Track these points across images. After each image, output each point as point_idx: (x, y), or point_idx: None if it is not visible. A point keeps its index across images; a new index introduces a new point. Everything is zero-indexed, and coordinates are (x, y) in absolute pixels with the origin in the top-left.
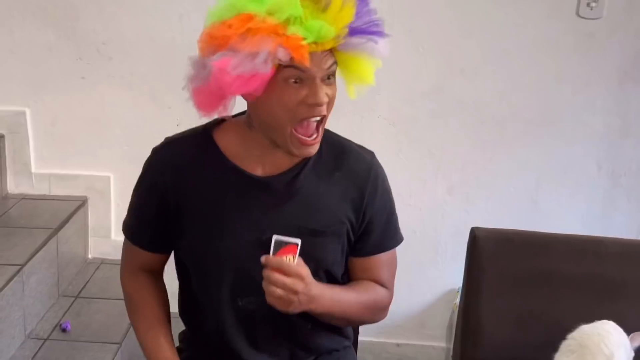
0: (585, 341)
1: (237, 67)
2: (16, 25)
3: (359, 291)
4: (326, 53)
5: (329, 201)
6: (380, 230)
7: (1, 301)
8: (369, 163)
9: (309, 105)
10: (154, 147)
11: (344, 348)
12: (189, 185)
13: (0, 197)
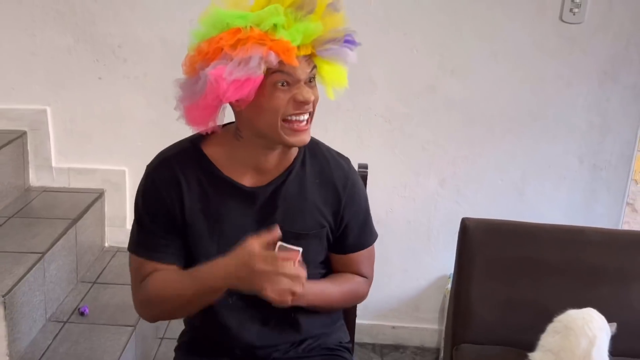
0: (570, 324)
1: (232, 73)
2: (38, 30)
3: (340, 283)
4: (307, 58)
5: (310, 207)
6: (357, 231)
7: (23, 287)
8: (346, 171)
9: (297, 103)
10: (149, 166)
11: (334, 327)
12: (188, 197)
13: (22, 190)
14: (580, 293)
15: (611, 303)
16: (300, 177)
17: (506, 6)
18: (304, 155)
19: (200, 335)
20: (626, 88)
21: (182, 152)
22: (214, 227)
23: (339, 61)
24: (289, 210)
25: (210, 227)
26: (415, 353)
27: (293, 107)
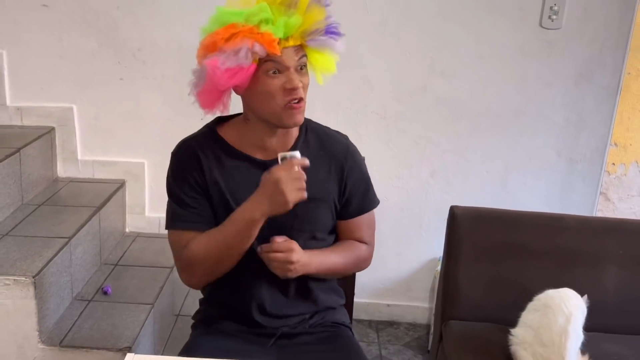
0: (548, 302)
1: (224, 63)
2: (65, 35)
3: (343, 250)
4: (297, 48)
5: (317, 175)
6: (359, 196)
7: (52, 268)
8: (344, 144)
9: (287, 90)
10: (173, 151)
11: (339, 306)
12: (210, 170)
13: (51, 180)
14: (558, 274)
15: (586, 283)
16: (306, 151)
17: (491, 13)
18: (306, 133)
19: (216, 313)
20: (600, 88)
21: (200, 134)
22: (231, 194)
23: (325, 50)
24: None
25: (228, 195)
26: (408, 329)
27: (284, 94)
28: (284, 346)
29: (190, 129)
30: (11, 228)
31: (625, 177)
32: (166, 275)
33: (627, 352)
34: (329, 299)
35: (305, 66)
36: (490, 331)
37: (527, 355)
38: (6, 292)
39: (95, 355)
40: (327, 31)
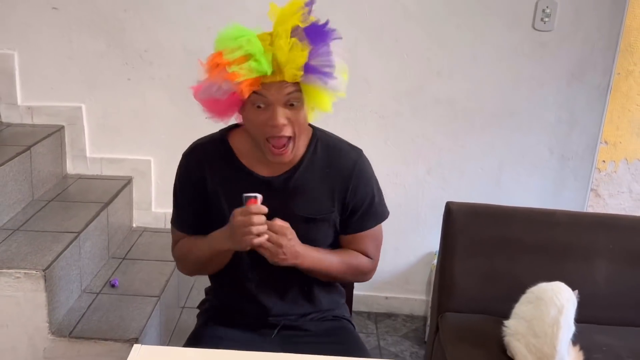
0: (541, 294)
1: (201, 93)
2: (74, 36)
3: (342, 255)
4: (286, 83)
5: (319, 194)
6: (361, 214)
7: (62, 262)
8: (353, 161)
9: (270, 127)
10: (184, 152)
11: (339, 305)
12: (213, 179)
13: (60, 177)
14: (550, 268)
15: (577, 277)
16: (311, 167)
17: (485, 16)
18: (316, 146)
19: (220, 304)
20: (591, 88)
21: (210, 142)
22: (229, 206)
23: (319, 86)
24: (299, 197)
25: (226, 207)
26: (406, 320)
27: (266, 130)
28: (287, 337)
29: (195, 127)
30: (22, 223)
31: (615, 174)
32: (172, 268)
33: (616, 342)
34: (331, 301)
35: (298, 101)
36: (484, 323)
37: (520, 346)
38: (17, 285)
39: (103, 346)
40: (320, 71)
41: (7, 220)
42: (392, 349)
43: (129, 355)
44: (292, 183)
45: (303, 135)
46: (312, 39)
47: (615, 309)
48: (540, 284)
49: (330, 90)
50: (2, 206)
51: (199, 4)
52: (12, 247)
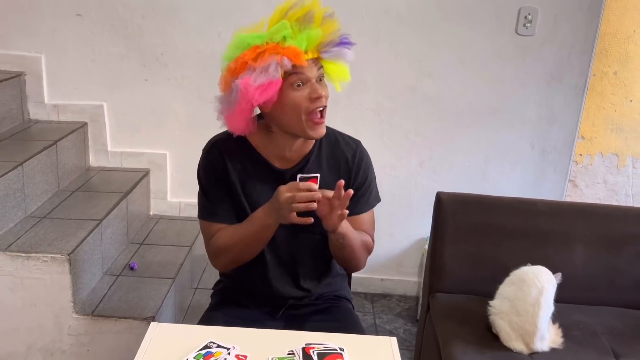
0: (523, 276)
1: (256, 80)
2: (96, 41)
3: (359, 233)
4: (315, 61)
5: (327, 182)
6: (361, 197)
7: (85, 247)
8: (354, 150)
9: (312, 99)
10: (204, 148)
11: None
12: (236, 170)
13: (84, 169)
14: (531, 252)
15: (556, 260)
16: (319, 159)
17: (472, 22)
18: (321, 141)
19: (233, 285)
20: (569, 88)
21: (229, 137)
22: (246, 196)
23: (340, 60)
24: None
25: (243, 197)
26: (399, 300)
27: (310, 101)
28: (291, 315)
29: (207, 123)
30: (49, 211)
31: (591, 166)
32: (186, 252)
33: (592, 320)
34: (334, 284)
35: (323, 77)
36: (471, 302)
37: (504, 324)
38: (44, 268)
39: (123, 324)
40: (341, 42)
41: (35, 209)
42: (387, 327)
43: (147, 332)
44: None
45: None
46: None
47: (591, 289)
48: (523, 267)
49: (348, 60)
50: (30, 196)
51: (211, 11)
52: (39, 233)
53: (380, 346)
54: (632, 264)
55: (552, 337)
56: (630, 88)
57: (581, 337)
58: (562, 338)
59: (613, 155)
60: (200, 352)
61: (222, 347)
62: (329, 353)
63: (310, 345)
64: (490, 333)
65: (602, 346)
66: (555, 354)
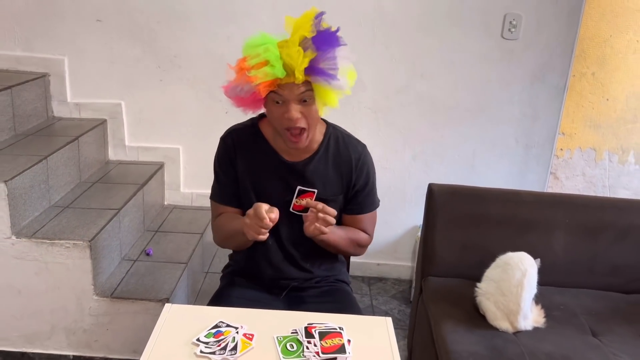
0: (507, 260)
1: (229, 92)
2: (115, 44)
3: (347, 231)
4: (298, 84)
5: (331, 178)
6: (362, 198)
7: (104, 234)
8: (359, 153)
9: (286, 119)
10: (222, 136)
11: (341, 272)
12: (245, 159)
13: (103, 163)
14: (516, 239)
15: (539, 246)
16: (325, 156)
17: (461, 27)
18: (329, 139)
19: (240, 268)
20: (550, 87)
21: (244, 128)
22: (257, 186)
23: (325, 85)
24: (314, 180)
25: (254, 187)
26: (394, 283)
27: (283, 122)
28: (293, 297)
29: (216, 120)
30: (71, 201)
31: (570, 160)
32: (197, 239)
33: (571, 302)
34: (333, 269)
35: (310, 98)
36: (460, 285)
37: (490, 304)
38: (67, 254)
39: (139, 305)
40: (325, 73)
41: (58, 199)
42: (383, 307)
43: (161, 312)
44: (309, 168)
45: (318, 128)
46: (319, 46)
47: (571, 273)
48: (508, 253)
49: (335, 88)
50: (54, 187)
51: (220, 16)
52: (62, 221)
53: (376, 325)
54: (608, 250)
55: (535, 317)
56: (607, 88)
57: (562, 317)
58: (544, 318)
59: (591, 150)
60: (210, 331)
61: (231, 327)
62: (329, 332)
63: (311, 324)
64: (478, 313)
65: (581, 325)
66: (538, 332)
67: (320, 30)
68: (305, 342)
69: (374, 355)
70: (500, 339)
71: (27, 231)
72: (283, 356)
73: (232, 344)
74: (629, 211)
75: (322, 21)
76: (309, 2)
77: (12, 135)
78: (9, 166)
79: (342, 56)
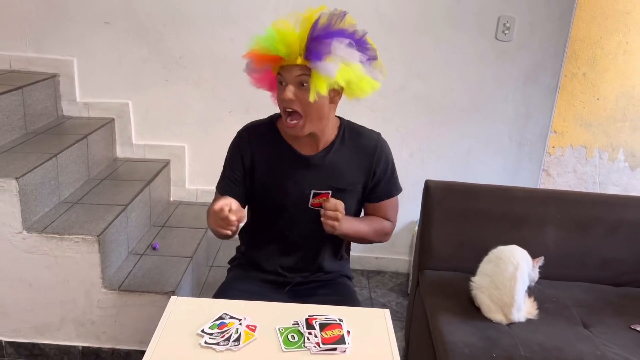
0: (499, 255)
1: (246, 70)
2: (122, 46)
3: (370, 221)
4: (296, 67)
5: (349, 169)
6: (384, 184)
7: (112, 229)
8: (375, 140)
9: (282, 99)
10: (239, 131)
11: (344, 269)
12: (260, 155)
13: (111, 160)
14: (509, 234)
15: (531, 241)
16: (341, 148)
17: (456, 29)
18: (344, 132)
19: (247, 261)
20: (543, 87)
21: (261, 125)
22: (276, 181)
23: (315, 67)
24: (332, 172)
25: (273, 181)
26: (392, 276)
27: (281, 102)
28: (296, 290)
29: (220, 119)
30: (80, 197)
31: (562, 157)
32: (202, 234)
33: (563, 294)
34: (337, 266)
35: (308, 83)
36: (456, 278)
37: (485, 297)
38: (76, 248)
39: (146, 297)
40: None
41: (68, 195)
42: (381, 300)
43: (167, 304)
44: (326, 160)
45: (332, 124)
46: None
47: (562, 267)
48: (499, 247)
49: (323, 72)
50: (64, 184)
51: (224, 19)
52: (72, 217)
53: (375, 317)
54: (599, 244)
55: (527, 309)
56: (597, 88)
57: (554, 309)
58: (537, 310)
59: (582, 148)
60: (215, 322)
61: (235, 318)
62: (330, 323)
63: (312, 316)
64: (473, 306)
65: (573, 317)
66: (531, 324)
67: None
68: (306, 333)
69: (372, 346)
70: (494, 330)
71: (38, 226)
72: (285, 347)
73: (235, 335)
74: (619, 207)
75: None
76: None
77: (23, 133)
78: (20, 163)
79: (339, 48)
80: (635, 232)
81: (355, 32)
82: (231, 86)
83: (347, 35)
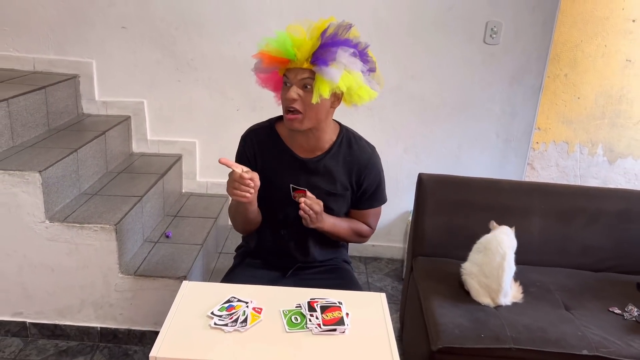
0: (487, 245)
1: (255, 69)
2: (137, 49)
3: (350, 222)
4: (302, 69)
5: (341, 175)
6: (369, 196)
7: (129, 219)
8: (369, 154)
9: (285, 99)
10: (242, 135)
11: (343, 255)
12: (262, 157)
13: (128, 155)
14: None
15: (517, 229)
16: (336, 155)
17: (447, 33)
18: (342, 139)
19: (251, 250)
20: (527, 87)
21: (262, 128)
22: (272, 180)
23: (319, 71)
24: (325, 176)
25: (270, 180)
26: (388, 262)
27: (285, 102)
28: (298, 274)
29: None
30: (99, 189)
31: (545, 152)
32: (212, 223)
33: (546, 279)
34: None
35: (312, 86)
36: (447, 265)
37: (474, 283)
38: (95, 236)
39: (160, 282)
40: (321, 63)
41: (87, 187)
42: (378, 284)
43: (179, 288)
44: (321, 165)
45: (332, 129)
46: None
47: (546, 254)
48: (486, 235)
49: (327, 77)
50: (84, 177)
51: (233, 24)
52: (91, 207)
53: (372, 300)
54: (579, 232)
55: (513, 293)
56: (578, 88)
57: (538, 293)
58: (522, 294)
59: (564, 143)
60: (223, 305)
61: (242, 301)
62: (330, 306)
63: (314, 299)
64: (463, 290)
65: (555, 300)
66: (517, 307)
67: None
68: (308, 315)
69: (370, 327)
70: (482, 313)
71: (60, 216)
72: (288, 328)
73: (242, 317)
74: (598, 198)
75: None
76: (314, 10)
77: (46, 130)
78: (43, 158)
79: (343, 56)
80: (614, 222)
81: (359, 43)
82: (239, 86)
83: (351, 45)
